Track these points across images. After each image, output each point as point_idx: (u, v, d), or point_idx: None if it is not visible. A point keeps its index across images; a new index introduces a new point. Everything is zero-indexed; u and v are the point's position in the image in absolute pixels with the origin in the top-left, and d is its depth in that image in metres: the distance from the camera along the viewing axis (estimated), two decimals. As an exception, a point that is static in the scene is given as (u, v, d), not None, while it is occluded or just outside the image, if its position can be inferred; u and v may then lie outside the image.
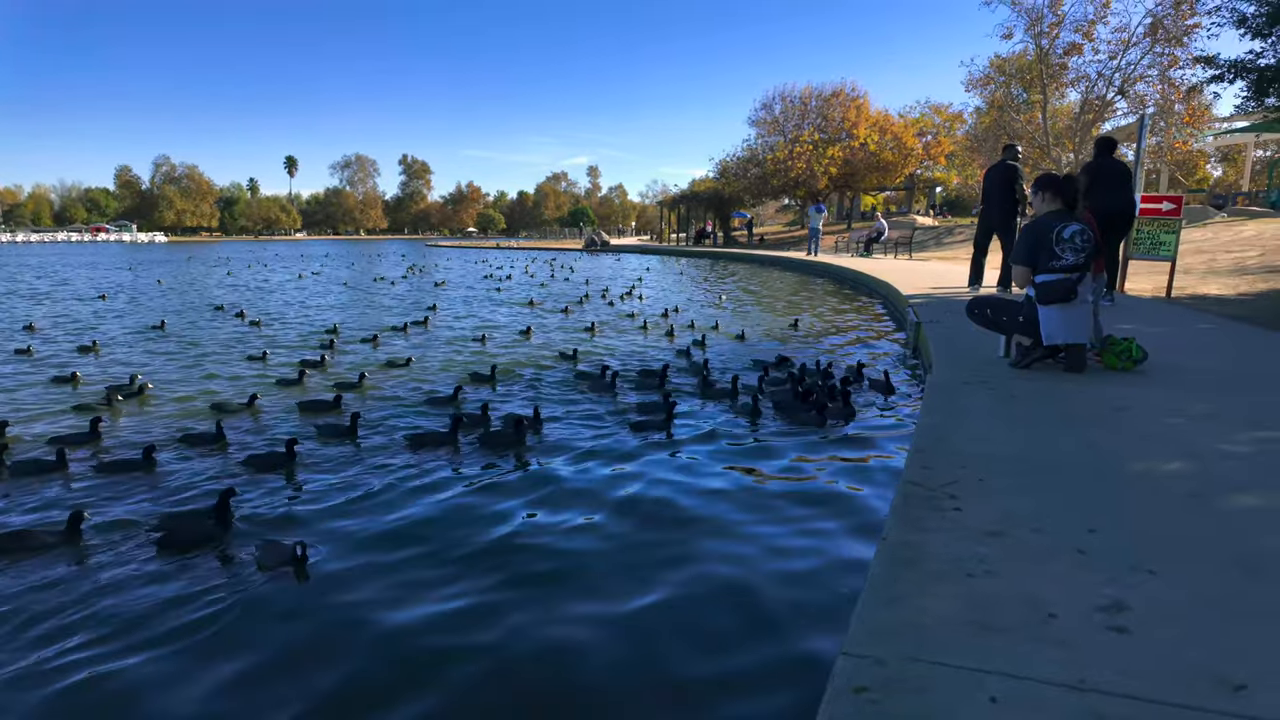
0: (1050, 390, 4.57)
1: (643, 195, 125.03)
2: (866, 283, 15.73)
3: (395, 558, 3.37)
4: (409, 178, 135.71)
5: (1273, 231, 16.46)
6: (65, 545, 3.47)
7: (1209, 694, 1.57)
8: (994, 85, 29.64)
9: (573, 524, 3.74)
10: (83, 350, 9.14)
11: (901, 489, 2.85)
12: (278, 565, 3.21)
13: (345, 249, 57.73)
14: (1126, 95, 25.81)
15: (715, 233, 44.13)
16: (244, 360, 8.40)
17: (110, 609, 2.94)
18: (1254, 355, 5.82)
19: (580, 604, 2.96)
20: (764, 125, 41.85)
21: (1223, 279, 11.74)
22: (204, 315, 12.96)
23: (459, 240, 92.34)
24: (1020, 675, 1.64)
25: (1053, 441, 3.48)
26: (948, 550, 2.28)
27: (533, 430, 5.15)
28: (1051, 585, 2.05)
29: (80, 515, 3.55)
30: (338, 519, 3.81)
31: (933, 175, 45.76)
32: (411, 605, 2.96)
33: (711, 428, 5.34)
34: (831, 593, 3.03)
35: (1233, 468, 3.06)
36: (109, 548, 3.50)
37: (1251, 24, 8.78)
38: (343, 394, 6.24)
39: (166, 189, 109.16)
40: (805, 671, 2.48)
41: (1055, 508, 2.62)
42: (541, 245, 61.60)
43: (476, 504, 3.99)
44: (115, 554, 3.43)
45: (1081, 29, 25.60)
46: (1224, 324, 7.45)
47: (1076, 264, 4.80)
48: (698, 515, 3.82)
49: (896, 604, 1.97)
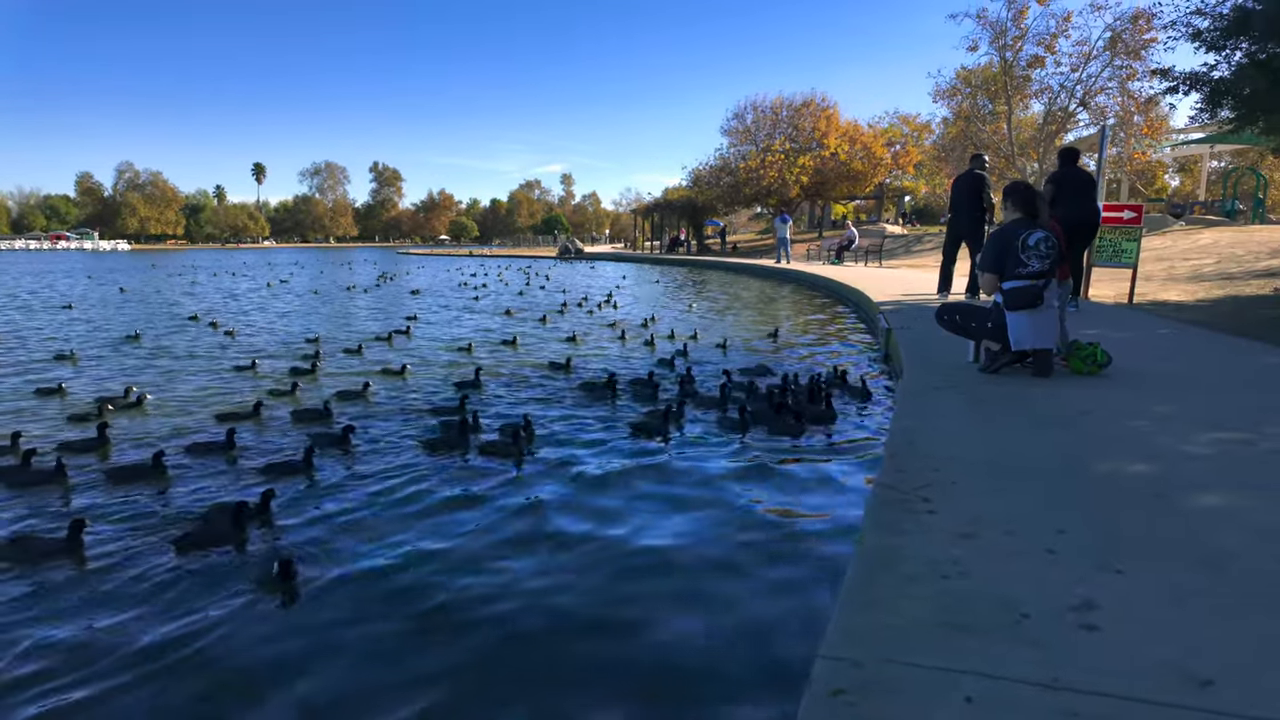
0: (1019, 394, 4.65)
1: (617, 203, 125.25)
2: (838, 290, 15.90)
3: (397, 575, 3.31)
4: (380, 185, 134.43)
5: (1228, 239, 16.98)
6: (67, 554, 3.42)
7: (1177, 690, 1.60)
8: (960, 96, 30.21)
9: (569, 531, 3.72)
10: (59, 359, 8.92)
11: (876, 492, 2.88)
12: (267, 579, 3.14)
13: (314, 257, 56.90)
14: (1088, 107, 26.47)
15: (689, 241, 44.34)
16: (232, 371, 8.20)
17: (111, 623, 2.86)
18: (1212, 359, 5.98)
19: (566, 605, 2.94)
20: (736, 134, 42.24)
21: (1181, 285, 12.07)
22: (178, 325, 12.64)
23: (431, 248, 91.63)
24: (995, 675, 1.66)
25: (1022, 444, 3.54)
26: (922, 552, 2.30)
27: (527, 440, 5.10)
28: (1023, 585, 2.08)
29: (82, 523, 3.50)
30: (332, 533, 3.74)
31: (901, 184, 46.42)
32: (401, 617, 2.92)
33: (696, 435, 5.34)
34: (811, 595, 3.03)
35: (1194, 468, 3.14)
36: (121, 556, 3.46)
37: (1206, 38, 9.07)
38: (345, 403, 6.32)
39: (130, 196, 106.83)
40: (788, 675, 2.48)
41: (1025, 509, 2.66)
42: (515, 253, 61.31)
43: (481, 518, 3.93)
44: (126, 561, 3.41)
45: (1044, 42, 26.23)
46: (1183, 329, 7.65)
47: (1042, 270, 4.91)
48: (681, 518, 3.83)
49: (872, 607, 1.98)
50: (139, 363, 8.80)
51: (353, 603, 3.03)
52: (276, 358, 9.11)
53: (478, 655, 2.64)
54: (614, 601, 3.01)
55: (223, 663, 2.62)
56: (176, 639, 2.76)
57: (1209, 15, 9.16)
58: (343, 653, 2.67)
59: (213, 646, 2.71)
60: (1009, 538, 2.42)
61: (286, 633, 2.82)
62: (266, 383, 7.48)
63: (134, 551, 3.51)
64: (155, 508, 4.06)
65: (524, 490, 4.30)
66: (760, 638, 2.73)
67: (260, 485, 4.22)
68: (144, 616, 2.93)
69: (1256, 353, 6.15)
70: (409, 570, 3.29)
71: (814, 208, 46.25)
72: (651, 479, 4.47)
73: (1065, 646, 1.77)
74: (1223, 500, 2.76)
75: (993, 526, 2.50)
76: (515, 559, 3.41)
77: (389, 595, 3.09)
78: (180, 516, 3.93)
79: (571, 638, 2.76)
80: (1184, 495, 2.79)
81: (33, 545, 3.45)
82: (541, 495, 4.20)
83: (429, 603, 3.01)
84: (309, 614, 2.95)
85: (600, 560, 3.41)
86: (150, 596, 3.10)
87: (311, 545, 3.57)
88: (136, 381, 7.27)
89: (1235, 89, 8.96)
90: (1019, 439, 3.65)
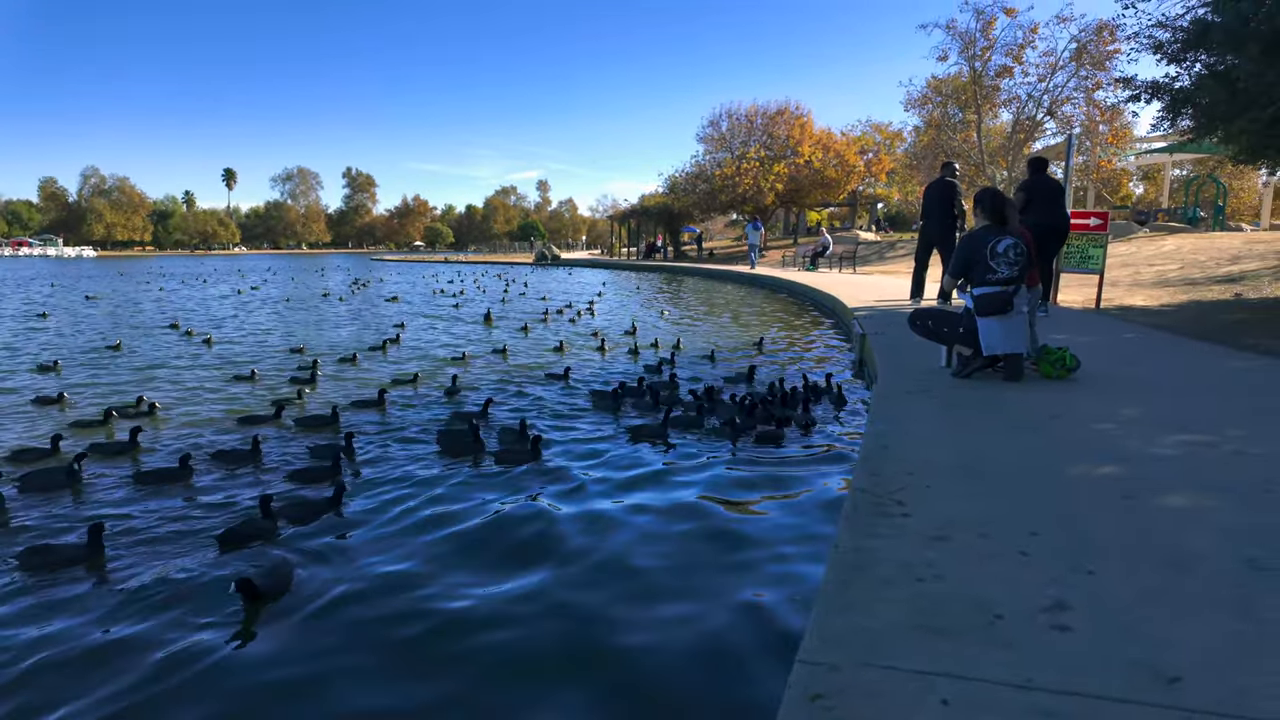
0: (990, 398, 4.71)
1: (593, 210, 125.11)
2: (813, 296, 16.02)
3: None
4: (353, 191, 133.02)
5: (1190, 246, 17.40)
6: (89, 560, 3.45)
7: (1147, 687, 1.63)
8: (931, 105, 30.66)
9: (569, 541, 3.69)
10: (42, 369, 8.66)
11: (851, 496, 2.90)
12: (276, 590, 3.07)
13: (287, 263, 56.13)
14: (1055, 116, 27.03)
15: (666, 247, 44.46)
16: (231, 380, 8.01)
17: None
18: (1176, 363, 6.11)
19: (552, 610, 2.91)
20: (711, 142, 42.45)
21: (1147, 291, 12.34)
22: (157, 333, 12.36)
23: (405, 254, 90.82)
24: (970, 677, 1.67)
25: (994, 448, 3.59)
26: (897, 556, 2.32)
27: (534, 454, 5.02)
28: (997, 587, 2.10)
29: (100, 527, 3.53)
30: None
31: (875, 192, 46.99)
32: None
33: (680, 442, 5.33)
34: (788, 600, 3.04)
35: (1160, 469, 3.20)
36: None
37: (1167, 50, 9.30)
38: (358, 410, 6.42)
39: (95, 201, 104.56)
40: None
41: (998, 512, 2.69)
42: (491, 259, 60.99)
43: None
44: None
45: (1011, 53, 26.75)
46: (1149, 333, 7.82)
47: (1011, 277, 4.99)
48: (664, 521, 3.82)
49: (848, 610, 1.99)
50: (133, 375, 8.49)
51: (363, 614, 2.98)
52: (278, 369, 8.79)
53: (473, 676, 2.59)
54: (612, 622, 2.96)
55: (221, 677, 2.57)
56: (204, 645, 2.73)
57: (1170, 27, 9.41)
58: (335, 673, 2.62)
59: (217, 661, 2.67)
60: (982, 540, 2.44)
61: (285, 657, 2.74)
62: (264, 392, 7.40)
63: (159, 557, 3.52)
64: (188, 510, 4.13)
65: (536, 499, 4.25)
66: (741, 638, 2.73)
67: (287, 489, 4.37)
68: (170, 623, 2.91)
69: (1219, 356, 6.30)
70: (413, 586, 3.23)
71: (789, 214, 46.60)
72: (652, 487, 4.45)
73: (1038, 647, 1.79)
74: (1189, 501, 2.81)
75: (966, 529, 2.53)
76: (518, 574, 3.34)
77: (400, 611, 3.02)
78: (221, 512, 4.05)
79: (572, 658, 2.70)
80: (1151, 497, 2.85)
81: (53, 552, 3.46)
82: (555, 507, 4.12)
83: (431, 621, 2.93)
84: (304, 633, 2.87)
85: (601, 577, 3.34)
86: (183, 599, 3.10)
87: (337, 554, 3.54)
88: (133, 394, 7.11)
89: (1195, 99, 9.20)
90: (991, 442, 3.70)
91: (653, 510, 4.05)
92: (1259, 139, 8.88)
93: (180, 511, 4.09)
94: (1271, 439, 3.62)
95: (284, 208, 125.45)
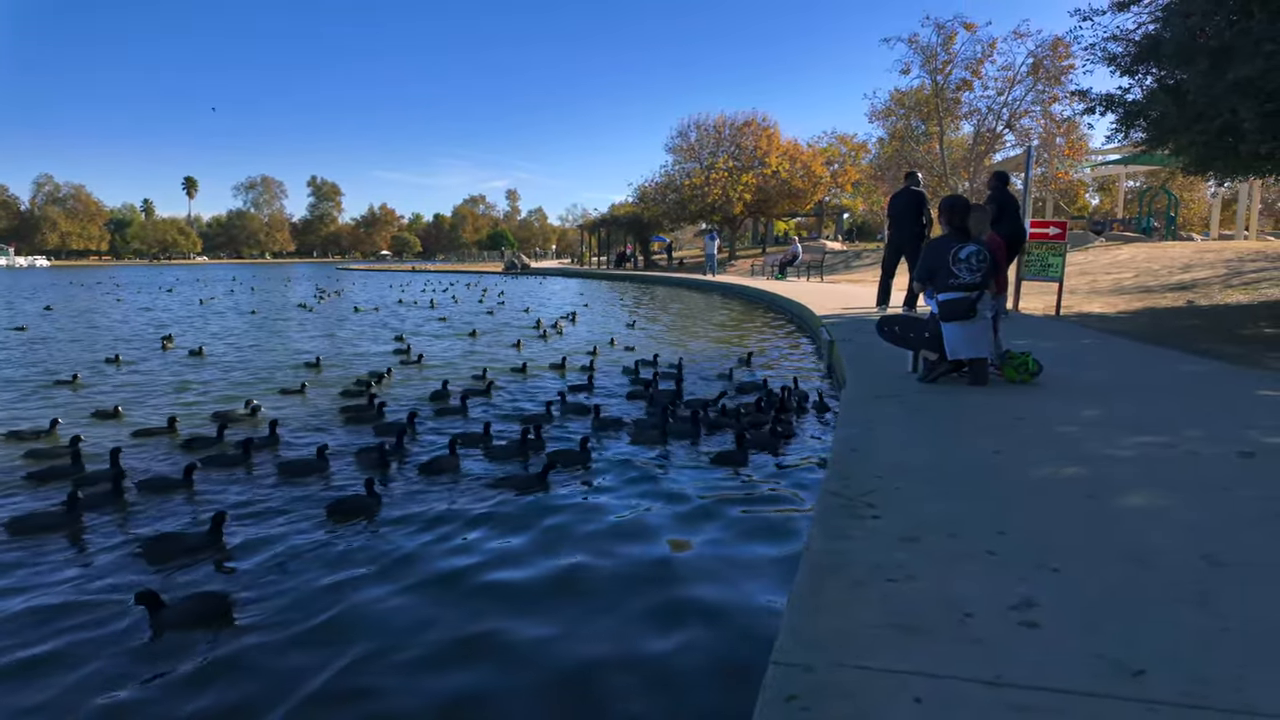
0: (956, 402, 4.80)
1: (563, 219, 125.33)
2: (782, 304, 16.17)
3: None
4: (318, 199, 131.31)
5: (1145, 255, 17.94)
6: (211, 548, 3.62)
7: (1112, 681, 1.66)
8: (895, 117, 31.32)
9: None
10: (59, 384, 8.22)
11: (822, 499, 2.92)
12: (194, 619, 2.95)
13: (250, 272, 55.04)
14: (1014, 129, 27.77)
15: (636, 256, 44.55)
16: (279, 393, 7.62)
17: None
18: (1133, 367, 6.28)
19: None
20: (680, 152, 42.67)
21: (1104, 298, 12.69)
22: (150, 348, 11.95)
23: (372, 264, 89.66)
24: (941, 675, 1.69)
25: (961, 450, 3.65)
26: (869, 557, 2.34)
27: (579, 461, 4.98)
28: (967, 586, 2.13)
29: (223, 516, 3.71)
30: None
31: (841, 202, 47.68)
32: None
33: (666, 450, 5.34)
34: (761, 598, 3.04)
35: (1121, 470, 3.28)
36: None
37: (1120, 62, 9.60)
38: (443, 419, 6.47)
39: (49, 210, 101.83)
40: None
41: (966, 512, 2.73)
42: (460, 268, 60.46)
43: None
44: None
45: (971, 67, 27.46)
46: (1106, 338, 8.04)
47: (973, 282, 5.10)
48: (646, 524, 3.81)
49: (822, 611, 2.00)
50: (166, 387, 8.13)
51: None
52: (329, 380, 8.42)
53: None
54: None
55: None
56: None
57: (1123, 40, 9.72)
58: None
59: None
60: (951, 540, 2.48)
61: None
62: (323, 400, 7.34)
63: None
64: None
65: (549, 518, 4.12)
66: (715, 637, 2.72)
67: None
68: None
69: (1172, 360, 6.49)
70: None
71: (757, 224, 47.06)
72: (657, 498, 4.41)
73: (1007, 644, 1.82)
74: (1148, 500, 2.88)
75: (935, 530, 2.56)
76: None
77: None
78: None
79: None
80: (1113, 496, 2.91)
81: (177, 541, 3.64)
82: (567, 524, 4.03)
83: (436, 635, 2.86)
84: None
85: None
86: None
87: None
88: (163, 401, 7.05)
89: (1146, 112, 9.50)
90: (958, 445, 3.76)
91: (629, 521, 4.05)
92: (1207, 150, 9.19)
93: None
94: (1223, 439, 3.74)
95: (247, 216, 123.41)
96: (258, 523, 3.99)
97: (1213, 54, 7.89)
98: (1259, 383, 5.37)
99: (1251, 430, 3.91)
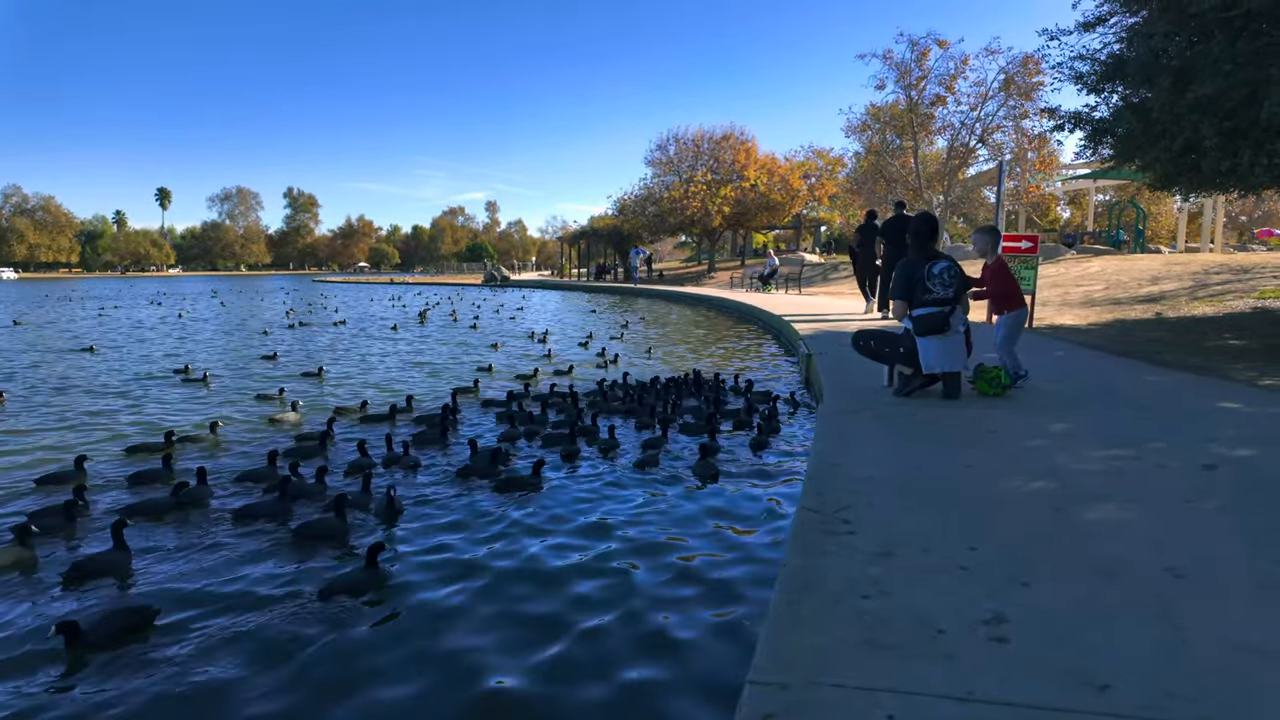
0: (930, 416, 4.87)
1: (543, 231, 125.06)
2: (760, 317, 16.28)
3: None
4: (295, 211, 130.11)
5: (1114, 268, 18.32)
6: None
7: (1078, 695, 1.70)
8: (871, 131, 31.74)
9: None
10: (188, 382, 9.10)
11: (799, 515, 2.95)
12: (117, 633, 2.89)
13: (225, 285, 54.27)
14: (986, 143, 28.31)
15: (616, 268, 44.64)
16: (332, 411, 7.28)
17: None
18: (1102, 379, 6.41)
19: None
20: (660, 165, 42.91)
21: (1075, 310, 12.93)
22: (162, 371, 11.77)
23: (350, 276, 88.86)
24: (914, 691, 1.72)
25: (934, 464, 3.71)
26: (843, 573, 2.37)
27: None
28: (939, 601, 2.17)
29: (380, 546, 3.53)
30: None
31: (818, 215, 48.17)
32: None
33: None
34: (741, 625, 3.05)
35: (1088, 482, 3.35)
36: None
37: (1087, 80, 9.84)
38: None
39: (17, 221, 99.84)
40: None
41: (939, 527, 2.78)
42: (440, 280, 60.13)
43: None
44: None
45: (945, 83, 27.97)
46: (1077, 351, 8.20)
47: (946, 297, 5.21)
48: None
49: (797, 628, 2.03)
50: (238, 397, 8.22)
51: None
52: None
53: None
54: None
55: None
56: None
57: (1089, 59, 9.95)
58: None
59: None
60: (924, 555, 2.52)
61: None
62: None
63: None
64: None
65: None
66: (691, 658, 2.73)
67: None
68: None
69: (1140, 372, 6.63)
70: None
71: (736, 237, 47.37)
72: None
73: (978, 659, 1.85)
74: (1115, 513, 2.95)
75: (909, 545, 2.60)
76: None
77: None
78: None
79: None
80: (1081, 509, 2.98)
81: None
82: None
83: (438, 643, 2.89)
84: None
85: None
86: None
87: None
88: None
89: (1113, 129, 9.74)
90: (931, 459, 3.82)
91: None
92: (1171, 167, 9.43)
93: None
94: (1187, 452, 3.83)
95: (222, 228, 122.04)
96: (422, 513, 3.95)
97: (1174, 73, 8.12)
98: (1223, 394, 5.52)
99: (1213, 444, 4.01)
